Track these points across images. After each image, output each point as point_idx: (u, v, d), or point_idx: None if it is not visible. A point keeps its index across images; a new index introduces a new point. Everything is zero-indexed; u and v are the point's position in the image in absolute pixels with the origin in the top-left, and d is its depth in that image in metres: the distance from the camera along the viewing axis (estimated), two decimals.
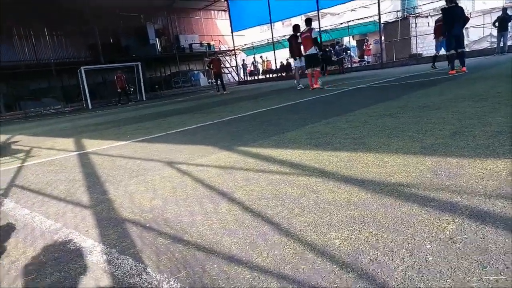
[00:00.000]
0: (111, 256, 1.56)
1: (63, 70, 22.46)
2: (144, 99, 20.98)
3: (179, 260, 1.44)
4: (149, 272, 1.38)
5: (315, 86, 10.33)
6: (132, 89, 21.73)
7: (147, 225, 1.86)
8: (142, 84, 21.05)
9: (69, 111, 19.70)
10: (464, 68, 8.57)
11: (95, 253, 1.62)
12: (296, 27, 10.95)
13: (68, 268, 1.52)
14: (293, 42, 11.00)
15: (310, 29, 10.14)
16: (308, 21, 10.37)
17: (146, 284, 1.31)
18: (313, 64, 10.50)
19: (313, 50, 10.17)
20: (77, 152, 4.55)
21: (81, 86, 19.41)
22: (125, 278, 1.36)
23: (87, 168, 3.51)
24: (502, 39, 14.73)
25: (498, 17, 14.60)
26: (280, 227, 1.63)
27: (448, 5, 8.47)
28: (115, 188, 2.63)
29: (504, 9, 14.88)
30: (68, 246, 1.74)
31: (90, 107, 19.05)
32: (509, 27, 14.75)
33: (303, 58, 10.90)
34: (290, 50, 11.34)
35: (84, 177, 3.12)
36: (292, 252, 1.38)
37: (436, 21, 12.03)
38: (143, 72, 21.64)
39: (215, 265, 1.37)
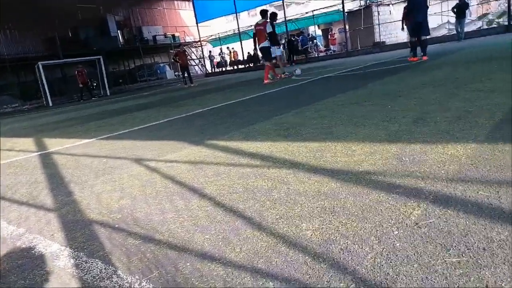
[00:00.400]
0: (79, 260, 1.51)
1: (19, 66, 21.28)
2: (108, 94, 20.30)
3: (151, 260, 1.41)
4: (119, 275, 1.35)
5: (265, 81, 9.99)
6: (95, 84, 20.98)
7: (116, 225, 1.81)
8: (105, 78, 20.33)
9: (28, 109, 18.77)
10: (426, 57, 8.79)
11: (62, 257, 1.56)
12: (273, 15, 10.62)
13: (33, 275, 1.46)
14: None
15: (265, 22, 9.83)
16: (263, 13, 9.99)
17: (117, 287, 1.28)
18: (265, 58, 10.33)
19: (265, 43, 9.97)
20: (39, 153, 4.35)
21: (39, 82, 18.50)
22: (95, 282, 1.32)
23: (50, 169, 3.36)
24: (459, 26, 15.32)
25: (456, 4, 15.16)
26: (252, 221, 1.63)
27: None
28: (81, 189, 2.54)
29: None
30: (33, 252, 1.66)
31: (50, 104, 18.22)
32: (466, 14, 15.34)
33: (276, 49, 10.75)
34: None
35: (47, 179, 2.99)
36: (265, 246, 1.39)
37: (404, 9, 12.43)
38: (106, 66, 20.89)
39: (188, 263, 1.35)
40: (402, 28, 11.24)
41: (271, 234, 1.47)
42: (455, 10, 14.97)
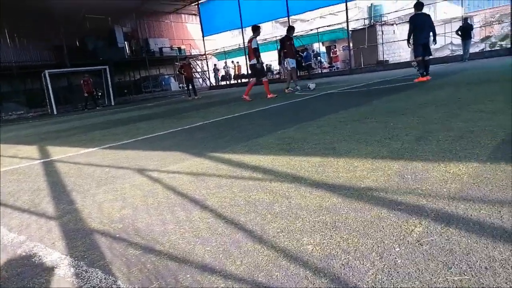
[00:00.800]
0: (79, 269, 1.51)
1: (26, 74, 21.51)
2: (113, 104, 20.46)
3: (151, 271, 1.41)
4: (119, 285, 1.34)
5: (244, 96, 9.98)
6: (99, 94, 21.14)
7: (117, 235, 1.81)
8: (110, 88, 20.52)
9: (32, 116, 18.91)
10: (429, 76, 8.84)
11: (62, 266, 1.56)
12: (290, 29, 10.96)
13: (33, 283, 1.45)
14: (286, 44, 10.88)
15: (251, 39, 9.68)
16: (254, 29, 9.78)
17: None
18: (253, 74, 10.28)
19: (253, 60, 9.81)
20: (42, 160, 4.37)
21: (45, 90, 18.67)
22: None
23: (53, 177, 3.37)
24: (465, 47, 15.47)
25: (460, 27, 15.33)
26: (253, 234, 1.63)
27: (416, 12, 8.80)
28: (83, 198, 2.55)
29: (465, 19, 15.65)
30: (33, 260, 1.66)
31: (55, 112, 18.36)
32: (471, 35, 15.50)
33: (292, 61, 10.82)
34: (279, 53, 11.11)
35: (49, 187, 3.00)
36: (266, 259, 1.39)
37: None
38: (112, 76, 21.11)
39: (188, 275, 1.35)
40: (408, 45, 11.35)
41: (272, 248, 1.47)
42: (459, 32, 15.13)
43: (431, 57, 9.28)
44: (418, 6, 8.86)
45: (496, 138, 2.63)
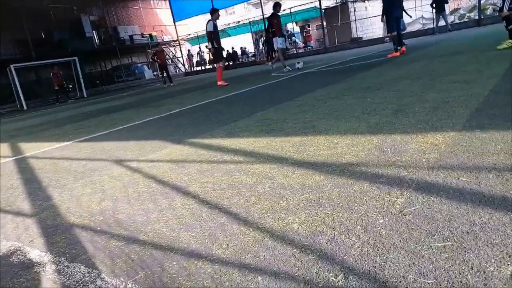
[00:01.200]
0: (61, 265, 1.46)
1: None
2: (85, 95, 19.84)
3: (136, 262, 1.38)
4: (104, 278, 1.31)
5: (219, 83, 9.58)
6: (71, 86, 20.43)
7: (98, 228, 1.76)
8: (81, 80, 19.84)
9: (1, 113, 18.14)
10: (403, 48, 8.97)
11: (42, 264, 1.51)
12: (276, 5, 10.56)
13: (12, 283, 1.40)
14: (274, 22, 10.49)
15: (208, 21, 9.29)
16: (211, 12, 9.36)
17: None
18: (214, 59, 9.83)
19: (209, 44, 9.44)
20: (14, 157, 4.21)
21: (13, 85, 17.90)
22: (78, 287, 1.28)
23: (27, 173, 3.25)
24: (440, 19, 15.52)
25: None
26: (238, 216, 1.61)
27: None
28: (60, 193, 2.47)
29: None
30: (11, 259, 1.60)
31: (25, 107, 17.67)
32: (445, 8, 15.56)
33: (281, 40, 10.46)
34: (266, 31, 10.77)
35: (23, 184, 2.89)
36: (252, 241, 1.38)
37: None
38: (82, 67, 20.39)
39: (174, 263, 1.32)
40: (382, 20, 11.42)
41: (258, 229, 1.46)
42: (433, 5, 15.18)
43: (404, 31, 9.38)
44: None
45: (470, 107, 2.68)
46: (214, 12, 9.24)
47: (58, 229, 1.85)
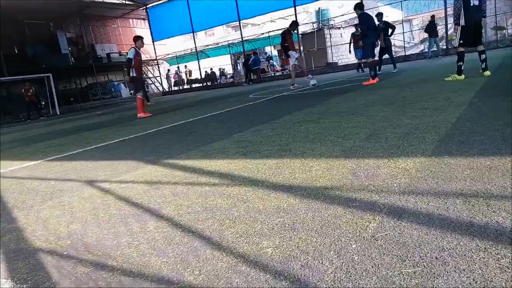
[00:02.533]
0: None
1: None
2: (58, 113, 19.34)
3: None
4: None
5: (139, 115, 8.85)
6: (43, 103, 19.89)
7: (65, 253, 1.69)
8: (54, 97, 19.38)
9: None
10: (377, 78, 8.69)
11: None
12: (293, 23, 10.61)
13: None
14: (287, 37, 10.34)
15: (130, 48, 8.87)
16: (135, 39, 8.82)
17: None
18: (134, 88, 9.34)
19: (133, 72, 8.68)
20: None
21: None
22: None
23: None
24: (432, 44, 16.08)
25: (427, 24, 15.86)
26: (211, 240, 1.59)
27: (362, 12, 8.64)
28: (26, 215, 2.36)
29: (432, 17, 16.22)
30: None
31: None
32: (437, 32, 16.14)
33: (296, 54, 10.37)
34: (282, 46, 10.45)
35: None
36: (225, 266, 1.35)
37: (353, 34, 13.57)
38: (56, 84, 19.96)
39: None
40: (350, 51, 11.88)
41: (231, 254, 1.44)
42: (427, 30, 15.64)
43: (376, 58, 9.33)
44: (360, 6, 8.74)
45: (439, 133, 2.79)
46: (137, 39, 8.70)
47: (21, 253, 1.75)
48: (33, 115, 17.99)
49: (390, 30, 11.48)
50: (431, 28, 15.70)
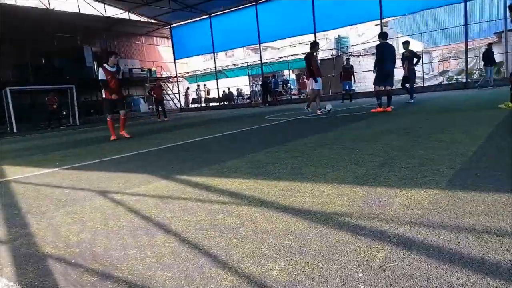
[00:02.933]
0: None
1: None
2: (78, 123, 19.83)
3: None
4: None
5: (112, 138, 8.03)
6: (64, 113, 20.46)
7: (73, 261, 1.71)
8: (76, 107, 19.93)
9: None
10: (390, 108, 8.64)
11: None
12: (315, 44, 10.09)
13: None
14: (312, 60, 9.87)
15: (99, 67, 8.16)
16: (107, 54, 8.23)
17: None
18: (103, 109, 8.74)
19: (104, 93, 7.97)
20: None
21: (6, 107, 17.85)
22: None
23: (7, 198, 3.17)
24: (489, 72, 15.45)
25: (484, 53, 15.33)
26: (217, 259, 1.58)
27: (382, 41, 8.84)
28: (38, 220, 2.40)
29: (489, 44, 15.48)
30: None
31: (15, 130, 17.53)
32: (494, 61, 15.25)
33: (320, 80, 10.00)
34: (308, 69, 9.91)
35: (2, 208, 2.81)
36: (229, 285, 1.35)
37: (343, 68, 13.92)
38: (78, 96, 20.54)
39: None
40: (340, 82, 12.11)
41: (236, 273, 1.43)
42: (484, 58, 15.11)
43: (392, 87, 9.14)
44: (384, 35, 8.96)
45: (455, 166, 2.75)
46: (109, 55, 7.86)
47: (30, 258, 1.78)
48: (54, 124, 18.48)
49: (415, 60, 11.43)
50: (488, 56, 15.09)
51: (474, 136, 3.97)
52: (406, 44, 11.41)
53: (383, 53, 8.75)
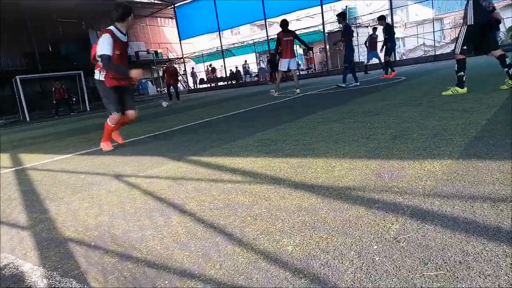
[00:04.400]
0: (52, 280, 1.45)
1: None
2: (88, 109, 20.01)
3: (128, 279, 1.37)
4: None
5: (102, 143, 4.71)
6: (74, 99, 20.64)
7: (92, 243, 1.76)
8: (85, 93, 20.05)
9: (4, 124, 18.24)
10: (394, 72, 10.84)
11: (34, 277, 1.50)
12: (283, 23, 9.41)
13: None
14: (281, 40, 9.37)
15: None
16: (125, 10, 4.93)
17: None
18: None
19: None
20: (13, 169, 4.22)
21: (17, 96, 18.07)
22: None
23: (25, 185, 3.25)
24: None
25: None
26: (232, 236, 1.61)
27: (386, 23, 11.00)
28: (57, 206, 2.47)
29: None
30: (3, 272, 1.59)
31: (28, 119, 17.79)
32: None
33: (289, 61, 9.54)
34: (276, 51, 9.60)
35: (21, 195, 2.89)
36: (246, 262, 1.38)
37: (370, 37, 13.44)
38: (86, 81, 20.63)
39: (167, 281, 1.32)
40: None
41: (252, 250, 1.46)
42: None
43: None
44: (382, 17, 11.13)
45: (468, 135, 2.71)
46: (125, 13, 4.50)
47: (52, 242, 1.84)
48: (64, 111, 18.67)
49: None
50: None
51: (488, 104, 3.88)
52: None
53: (390, 31, 11.21)
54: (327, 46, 22.29)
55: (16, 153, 5.68)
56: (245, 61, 30.15)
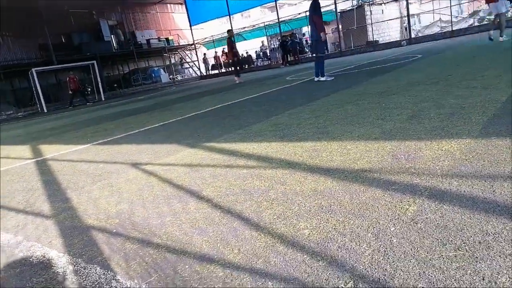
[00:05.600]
0: (77, 266, 1.51)
1: (13, 73, 21.11)
2: (103, 99, 20.23)
3: (150, 264, 1.42)
4: (118, 280, 1.35)
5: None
6: (89, 89, 20.90)
7: (114, 230, 1.81)
8: (99, 83, 20.26)
9: (22, 116, 18.65)
10: None
11: (60, 264, 1.56)
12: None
13: (32, 282, 1.45)
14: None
15: None
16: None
17: None
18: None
19: None
20: (34, 160, 4.33)
21: (33, 89, 18.41)
22: None
23: (46, 175, 3.35)
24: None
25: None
26: (250, 221, 1.63)
27: None
28: (78, 195, 2.54)
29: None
30: (31, 259, 1.66)
31: (45, 110, 18.13)
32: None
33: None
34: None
35: (43, 186, 2.98)
36: (263, 246, 1.40)
37: None
38: (100, 71, 20.82)
39: (187, 266, 1.35)
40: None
41: (269, 234, 1.48)
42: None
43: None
44: None
45: (487, 113, 2.64)
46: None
47: (75, 230, 1.90)
48: (79, 102, 18.95)
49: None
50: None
51: (508, 81, 3.76)
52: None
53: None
54: (340, 26, 21.81)
55: (36, 144, 5.82)
56: (262, 42, 29.84)
